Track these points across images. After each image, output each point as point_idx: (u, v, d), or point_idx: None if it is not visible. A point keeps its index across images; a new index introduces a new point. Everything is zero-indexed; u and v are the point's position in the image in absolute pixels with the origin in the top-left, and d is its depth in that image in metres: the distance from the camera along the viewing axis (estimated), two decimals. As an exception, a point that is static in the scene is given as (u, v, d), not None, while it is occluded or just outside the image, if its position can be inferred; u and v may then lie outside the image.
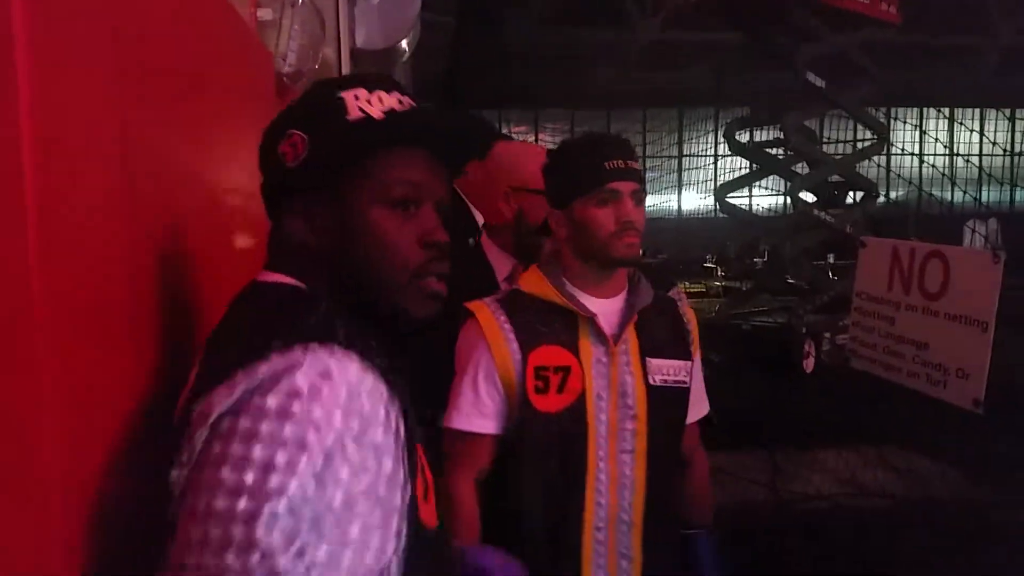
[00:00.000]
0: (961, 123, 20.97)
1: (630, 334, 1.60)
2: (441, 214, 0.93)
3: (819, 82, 9.04)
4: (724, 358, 9.14)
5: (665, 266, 18.25)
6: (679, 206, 23.92)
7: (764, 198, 15.75)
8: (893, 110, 20.17)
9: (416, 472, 0.83)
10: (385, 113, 0.89)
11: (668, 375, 1.62)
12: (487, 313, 1.58)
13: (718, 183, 13.18)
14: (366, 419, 0.73)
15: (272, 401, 0.69)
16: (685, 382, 1.66)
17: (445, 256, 0.91)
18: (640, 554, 1.58)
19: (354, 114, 0.88)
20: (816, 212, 9.49)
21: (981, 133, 21.67)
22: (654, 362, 1.61)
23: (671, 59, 17.17)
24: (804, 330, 8.75)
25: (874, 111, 10.89)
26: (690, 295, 15.02)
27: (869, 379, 2.84)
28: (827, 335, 8.63)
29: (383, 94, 0.91)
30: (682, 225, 22.13)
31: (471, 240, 2.08)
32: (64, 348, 0.68)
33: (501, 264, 1.97)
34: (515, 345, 1.54)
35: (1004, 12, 15.50)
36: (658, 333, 1.65)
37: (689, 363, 1.69)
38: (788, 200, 10.14)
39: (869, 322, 2.67)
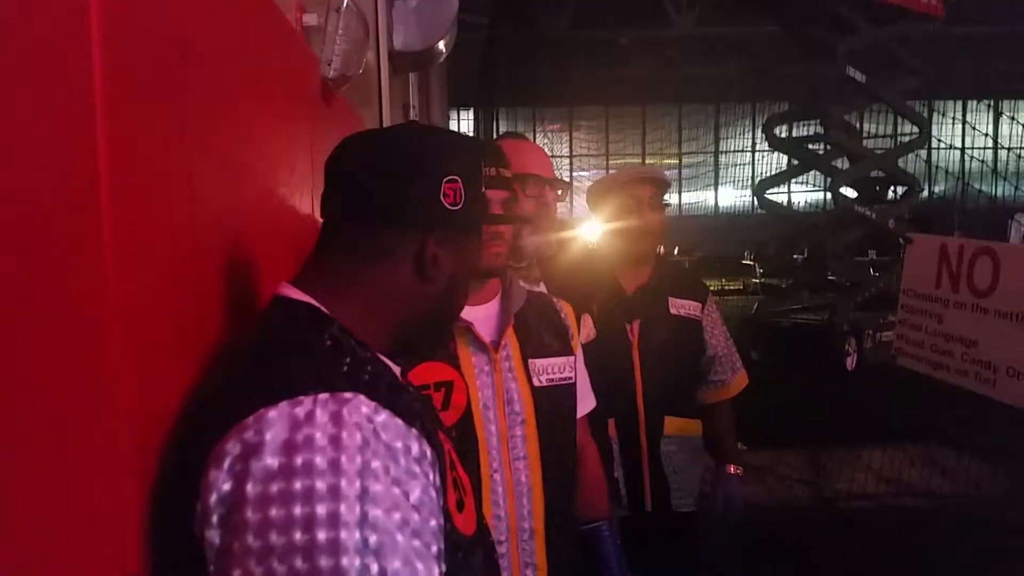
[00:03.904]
0: (1003, 114, 20.50)
1: (510, 338, 1.56)
2: None
3: (859, 76, 8.92)
4: (765, 356, 9.07)
5: (701, 263, 18.15)
6: (716, 202, 23.75)
7: (804, 194, 15.58)
8: (935, 103, 19.81)
9: (447, 486, 0.85)
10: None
11: (553, 374, 1.59)
12: None
13: (756, 179, 13.04)
14: (384, 456, 0.75)
15: (298, 458, 0.71)
16: (570, 378, 1.63)
17: None
18: (545, 560, 1.53)
19: (484, 188, 1.05)
20: (857, 208, 9.36)
21: (1026, 125, 21.19)
22: (537, 363, 1.58)
23: (707, 54, 17.05)
24: (846, 327, 8.64)
25: (916, 104, 10.70)
26: (728, 292, 14.88)
27: (911, 376, 2.81)
28: (869, 332, 8.53)
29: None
30: (719, 221, 21.96)
31: None
32: (136, 352, 0.70)
33: None
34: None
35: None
36: (537, 333, 1.62)
37: (572, 358, 1.65)
38: (829, 196, 10.02)
39: (916, 320, 2.63)
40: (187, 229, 0.86)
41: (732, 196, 23.17)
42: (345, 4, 1.73)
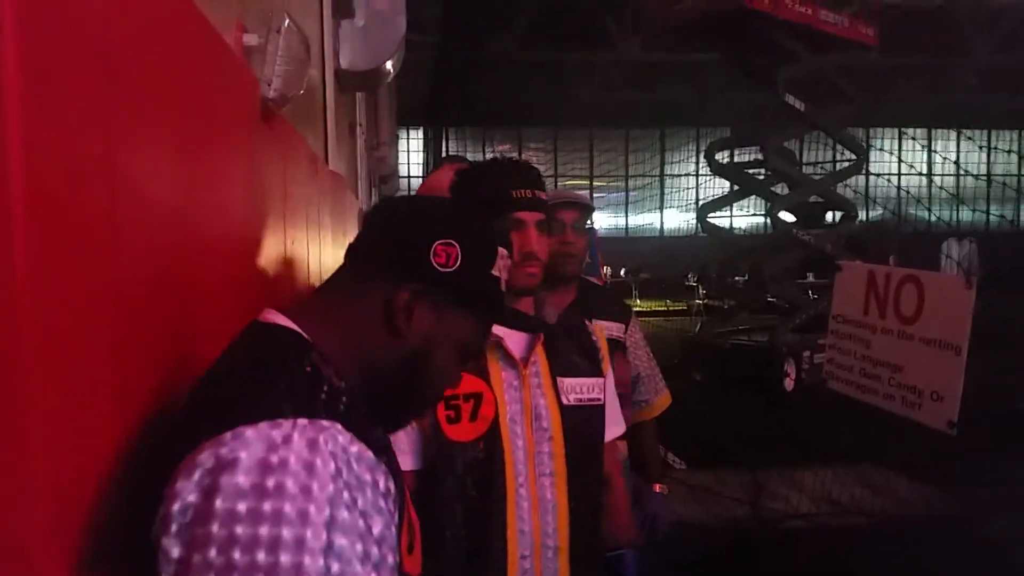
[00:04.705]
0: (934, 150, 21.24)
1: (539, 356, 1.59)
2: None
3: (798, 103, 9.16)
4: (706, 377, 9.20)
5: (647, 284, 18.38)
6: (661, 225, 24.08)
7: (745, 218, 15.88)
8: (872, 131, 20.42)
9: (403, 526, 0.87)
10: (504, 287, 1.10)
11: (581, 394, 1.61)
12: None
13: (700, 202, 13.27)
14: (355, 487, 0.77)
15: (271, 480, 0.72)
16: (599, 399, 1.65)
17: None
18: None
19: (495, 271, 1.06)
20: (796, 232, 9.59)
21: (957, 155, 21.98)
22: (566, 381, 1.60)
23: (652, 79, 17.36)
24: (784, 349, 8.82)
25: (853, 132, 11.03)
26: (672, 313, 15.01)
27: (848, 398, 2.88)
28: (807, 354, 8.70)
29: (507, 265, 1.11)
30: (664, 244, 22.27)
31: None
32: (51, 376, 0.69)
33: None
34: None
35: (980, 32, 15.77)
36: (568, 353, 1.65)
37: (601, 380, 1.67)
38: (769, 220, 10.25)
39: (845, 345, 2.71)
40: (110, 252, 0.84)
41: (677, 219, 23.52)
42: (286, 24, 1.73)
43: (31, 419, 0.66)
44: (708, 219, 10.54)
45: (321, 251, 2.55)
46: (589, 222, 2.55)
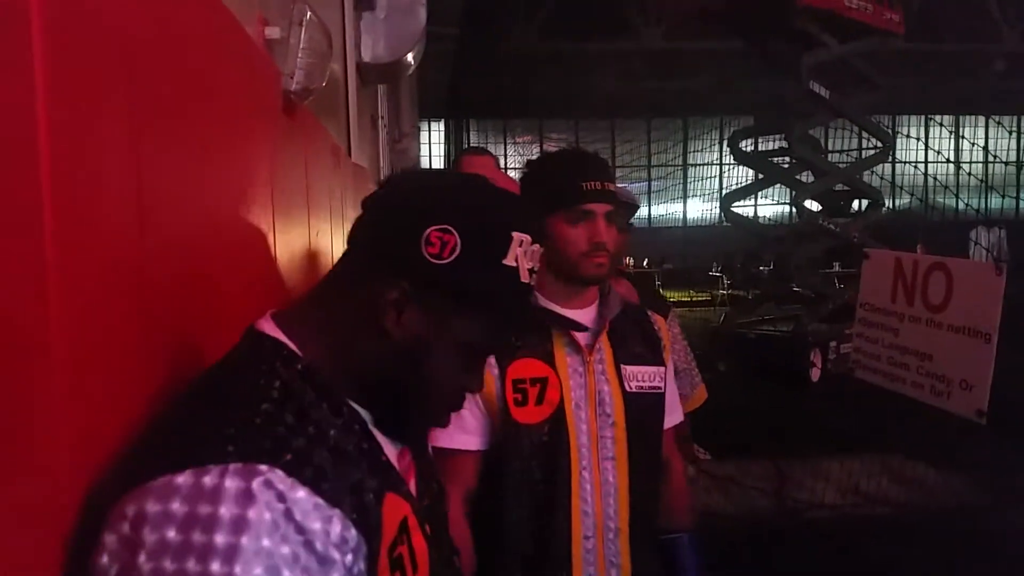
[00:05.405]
0: (962, 136, 20.94)
1: (604, 343, 1.64)
2: None
3: (823, 91, 9.06)
4: (730, 367, 9.15)
5: (670, 275, 18.31)
6: (684, 215, 23.94)
7: (770, 207, 15.76)
8: (898, 117, 20.17)
9: (379, 570, 0.80)
10: (529, 277, 0.90)
11: (643, 381, 1.65)
12: None
13: (723, 192, 13.19)
14: (295, 541, 0.70)
15: (196, 535, 0.66)
16: (660, 387, 1.69)
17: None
18: (628, 560, 1.59)
19: (509, 261, 0.87)
20: (821, 221, 9.50)
21: (986, 141, 21.66)
22: (629, 369, 1.64)
23: (675, 68, 17.22)
24: (810, 339, 8.75)
25: (878, 120, 10.90)
26: (696, 304, 14.97)
27: (874, 388, 2.86)
28: (833, 344, 8.63)
29: (534, 252, 0.90)
30: (688, 234, 22.14)
31: None
32: (76, 366, 0.69)
33: None
34: (492, 359, 1.56)
35: (1009, 18, 15.50)
36: (631, 341, 1.69)
37: (663, 368, 1.71)
38: (793, 209, 10.16)
39: (873, 333, 2.68)
40: (136, 246, 0.85)
41: (701, 209, 23.38)
42: (308, 17, 1.74)
43: (58, 410, 0.66)
44: (732, 208, 10.47)
45: (344, 243, 2.56)
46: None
